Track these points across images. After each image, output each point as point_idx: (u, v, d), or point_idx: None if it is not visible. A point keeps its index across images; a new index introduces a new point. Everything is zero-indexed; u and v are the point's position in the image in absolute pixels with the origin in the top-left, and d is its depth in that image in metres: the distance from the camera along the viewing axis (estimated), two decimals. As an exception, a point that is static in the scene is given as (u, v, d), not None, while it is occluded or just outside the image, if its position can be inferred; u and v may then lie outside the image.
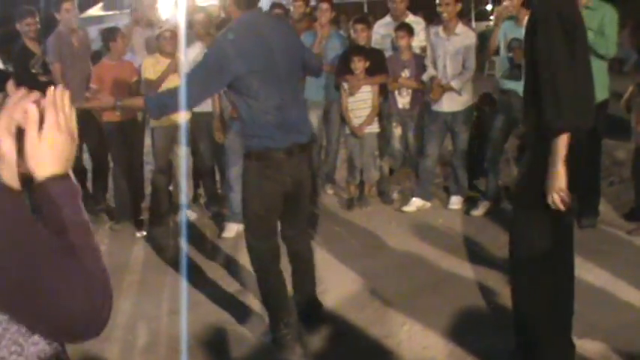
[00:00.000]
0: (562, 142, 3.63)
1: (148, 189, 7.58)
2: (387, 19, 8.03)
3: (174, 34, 7.03)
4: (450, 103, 7.20)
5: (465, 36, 7.17)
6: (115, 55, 7.18)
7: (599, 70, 6.23)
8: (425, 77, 7.36)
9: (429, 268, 5.88)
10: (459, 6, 7.26)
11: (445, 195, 7.68)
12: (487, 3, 27.92)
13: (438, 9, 7.14)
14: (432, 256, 6.10)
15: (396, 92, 7.55)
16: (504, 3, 6.85)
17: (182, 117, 7.06)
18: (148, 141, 7.60)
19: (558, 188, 3.65)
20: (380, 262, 6.08)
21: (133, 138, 7.31)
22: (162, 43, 7.02)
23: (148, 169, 7.81)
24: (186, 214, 7.29)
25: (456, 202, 7.40)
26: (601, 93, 6.25)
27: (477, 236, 6.53)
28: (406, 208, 7.41)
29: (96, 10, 13.21)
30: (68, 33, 7.59)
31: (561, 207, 3.67)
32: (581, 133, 3.76)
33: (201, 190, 7.93)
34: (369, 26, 7.88)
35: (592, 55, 4.45)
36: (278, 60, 4.25)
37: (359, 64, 7.25)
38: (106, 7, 13.96)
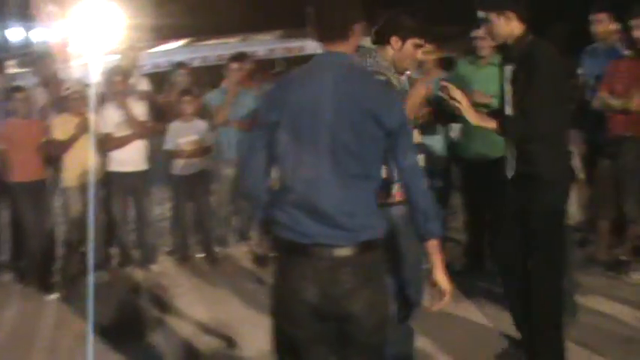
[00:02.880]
0: (491, 124, 4.44)
1: (60, 250, 7.42)
2: None
3: (81, 93, 6.99)
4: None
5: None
6: (20, 114, 7.07)
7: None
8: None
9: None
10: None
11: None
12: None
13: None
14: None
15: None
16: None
17: (93, 176, 7.01)
18: (59, 201, 7.48)
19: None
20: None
21: (43, 198, 7.19)
22: (72, 103, 6.97)
23: (60, 229, 7.66)
24: (100, 276, 7.16)
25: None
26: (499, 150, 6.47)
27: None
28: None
29: (10, 67, 12.97)
30: None
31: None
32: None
33: (115, 250, 7.81)
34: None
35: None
36: (324, 119, 3.00)
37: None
38: (20, 65, 13.72)
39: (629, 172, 6.38)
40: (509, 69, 4.56)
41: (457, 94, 4.35)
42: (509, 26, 4.42)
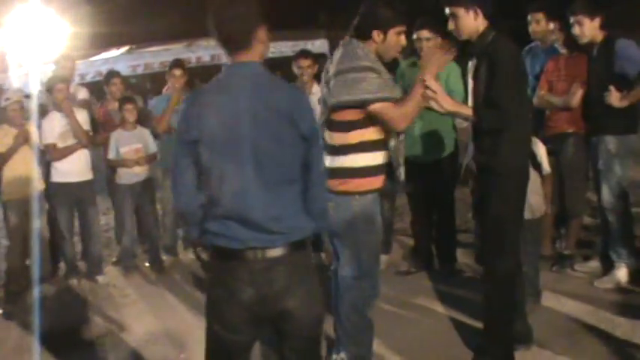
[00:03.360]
0: (467, 110, 4.57)
1: (2, 265, 7.30)
2: None
3: (20, 104, 6.88)
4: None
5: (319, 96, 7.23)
6: None
7: (446, 126, 6.53)
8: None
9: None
10: (316, 67, 7.39)
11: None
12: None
13: (295, 70, 7.27)
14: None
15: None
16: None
17: (35, 188, 6.91)
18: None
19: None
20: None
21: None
22: (11, 114, 6.85)
23: (2, 244, 7.53)
24: (46, 289, 7.05)
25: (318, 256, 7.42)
26: (449, 147, 6.58)
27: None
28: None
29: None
30: None
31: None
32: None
33: (62, 264, 7.70)
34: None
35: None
36: (243, 130, 3.07)
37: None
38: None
39: (570, 167, 6.49)
40: (471, 64, 4.69)
41: (433, 83, 4.36)
42: (476, 22, 4.52)
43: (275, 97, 3.15)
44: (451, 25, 4.65)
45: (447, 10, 4.60)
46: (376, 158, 4.36)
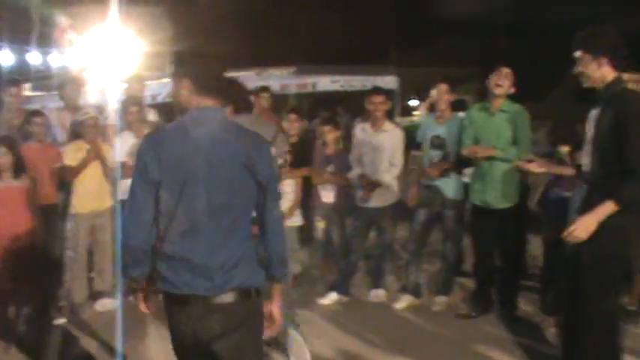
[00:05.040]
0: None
1: (66, 276, 7.39)
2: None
3: (96, 120, 7.03)
4: (376, 199, 7.22)
5: (392, 133, 7.26)
6: (37, 138, 7.09)
7: (514, 173, 6.44)
8: (351, 175, 7.36)
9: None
10: (390, 104, 7.41)
11: (368, 288, 7.66)
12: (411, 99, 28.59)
13: (367, 106, 7.28)
14: (355, 350, 6.06)
15: (320, 186, 7.58)
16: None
17: (105, 203, 7.05)
18: (69, 226, 7.47)
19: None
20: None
21: (53, 222, 7.18)
22: (86, 130, 7.01)
23: (68, 255, 7.64)
24: (104, 303, 7.14)
25: (379, 295, 7.39)
26: (517, 195, 6.51)
27: (398, 329, 6.55)
28: (322, 301, 7.36)
29: (25, 90, 13.10)
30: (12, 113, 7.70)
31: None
32: None
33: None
34: (302, 118, 8.05)
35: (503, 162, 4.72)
36: (200, 176, 3.17)
37: (282, 157, 7.30)
38: (34, 88, 13.87)
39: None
40: (595, 112, 4.54)
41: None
42: (601, 71, 4.44)
43: (235, 143, 3.26)
44: (578, 69, 4.55)
45: (576, 54, 4.52)
46: None
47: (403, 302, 7.15)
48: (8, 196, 6.31)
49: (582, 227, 4.35)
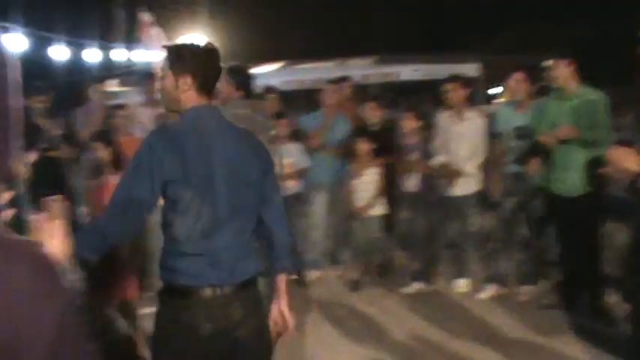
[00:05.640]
0: None
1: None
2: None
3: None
4: (460, 188, 7.19)
5: (474, 121, 7.22)
6: (122, 131, 7.26)
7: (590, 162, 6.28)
8: (434, 162, 7.37)
9: (434, 351, 5.84)
10: (466, 90, 7.33)
11: (452, 277, 7.63)
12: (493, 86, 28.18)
13: (443, 95, 7.24)
14: (439, 339, 6.06)
15: (403, 175, 7.57)
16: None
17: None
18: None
19: None
20: (384, 344, 6.03)
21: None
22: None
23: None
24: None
25: (462, 284, 7.36)
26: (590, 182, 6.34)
27: (483, 319, 6.50)
28: (405, 290, 7.37)
29: (112, 86, 13.41)
30: (97, 108, 8.03)
31: None
32: None
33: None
34: (381, 106, 8.06)
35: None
36: (217, 174, 3.23)
37: (363, 146, 7.34)
38: (121, 84, 14.19)
39: None
40: None
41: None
42: None
43: (239, 141, 3.35)
44: None
45: None
46: None
47: (488, 292, 7.10)
48: (111, 191, 6.46)
49: None
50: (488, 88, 27.91)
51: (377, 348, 5.96)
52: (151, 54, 12.46)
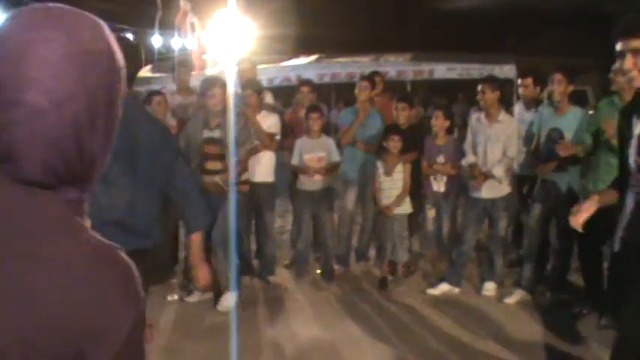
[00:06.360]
0: None
1: (182, 253, 7.59)
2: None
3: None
4: (489, 190, 7.14)
5: (507, 123, 7.17)
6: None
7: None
8: (464, 163, 7.35)
9: (458, 353, 5.82)
10: (497, 93, 7.24)
11: (479, 280, 7.59)
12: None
13: (478, 96, 7.20)
14: (463, 341, 6.03)
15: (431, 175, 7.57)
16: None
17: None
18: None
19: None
20: (408, 344, 6.01)
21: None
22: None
23: (183, 232, 7.85)
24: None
25: (489, 288, 7.30)
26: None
27: (509, 324, 6.45)
28: (432, 291, 7.34)
29: (145, 72, 13.47)
30: None
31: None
32: None
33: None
34: (411, 105, 8.03)
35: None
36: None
37: (394, 144, 7.32)
38: (154, 70, 14.24)
39: None
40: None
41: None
42: None
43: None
44: (628, 64, 3.46)
45: (625, 45, 3.48)
46: None
47: (515, 297, 7.04)
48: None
49: None
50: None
51: (400, 347, 5.94)
52: (186, 41, 12.51)
